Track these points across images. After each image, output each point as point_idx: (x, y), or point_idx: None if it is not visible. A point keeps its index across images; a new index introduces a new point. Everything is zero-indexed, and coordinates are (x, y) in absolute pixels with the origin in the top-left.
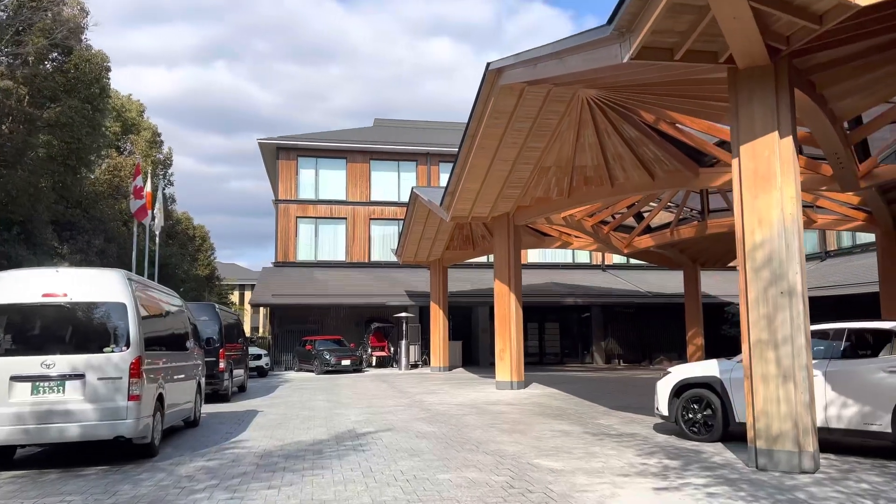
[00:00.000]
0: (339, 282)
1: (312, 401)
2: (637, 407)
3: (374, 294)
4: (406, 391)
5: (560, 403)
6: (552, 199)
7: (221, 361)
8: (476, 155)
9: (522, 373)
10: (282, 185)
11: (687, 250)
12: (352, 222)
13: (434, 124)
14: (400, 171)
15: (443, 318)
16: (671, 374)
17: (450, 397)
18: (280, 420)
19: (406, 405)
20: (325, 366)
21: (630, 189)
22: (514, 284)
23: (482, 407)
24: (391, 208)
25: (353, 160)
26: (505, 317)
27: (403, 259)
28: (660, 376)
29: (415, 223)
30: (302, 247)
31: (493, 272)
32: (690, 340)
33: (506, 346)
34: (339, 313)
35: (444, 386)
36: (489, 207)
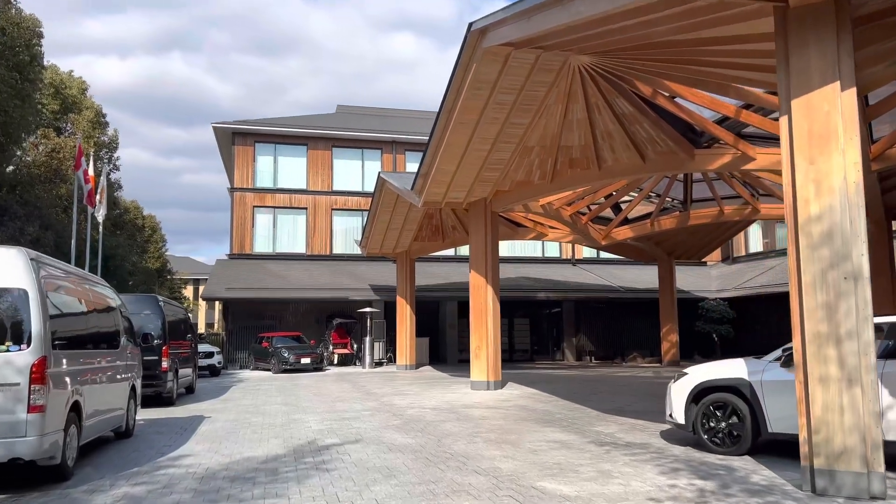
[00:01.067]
0: (298, 275)
1: (268, 404)
2: (632, 410)
3: (336, 288)
4: (372, 392)
5: (545, 406)
6: (534, 184)
7: (164, 360)
8: (453, 132)
9: (500, 372)
10: (238, 173)
11: (663, 243)
12: (312, 212)
13: (400, 112)
14: (364, 159)
15: (410, 314)
16: (688, 375)
17: (422, 399)
18: (229, 428)
19: (374, 409)
20: (283, 364)
21: (618, 172)
22: (491, 276)
23: (460, 411)
24: (354, 198)
25: (314, 147)
26: (481, 311)
27: (368, 250)
28: (673, 377)
29: (381, 211)
30: (259, 238)
31: (462, 266)
32: (665, 337)
33: (482, 343)
34: (298, 308)
35: (413, 386)
36: (465, 192)
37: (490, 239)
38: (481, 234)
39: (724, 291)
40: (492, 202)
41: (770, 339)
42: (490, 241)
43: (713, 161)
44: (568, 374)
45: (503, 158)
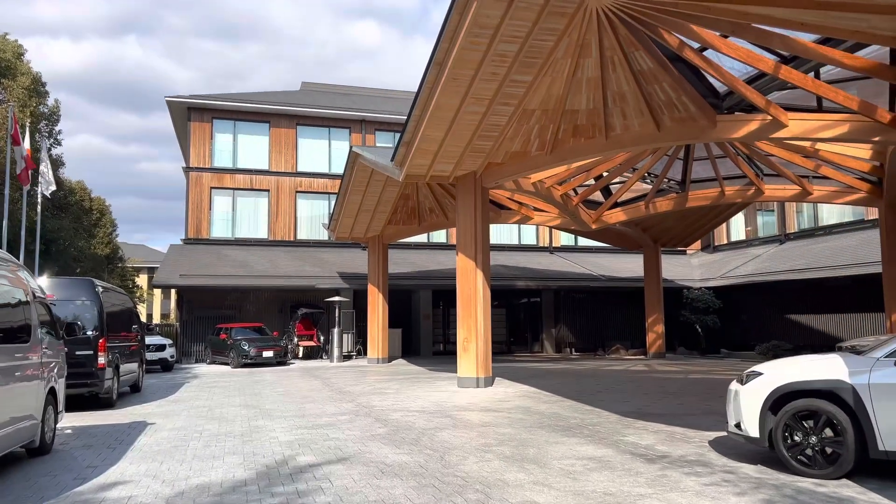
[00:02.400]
0: (260, 262)
1: (226, 406)
2: (654, 413)
3: (301, 275)
4: (346, 391)
5: (551, 408)
6: (531, 156)
7: (101, 356)
8: (444, 90)
9: (490, 367)
10: (194, 151)
11: (650, 229)
12: (275, 195)
13: (369, 91)
14: (331, 138)
15: (382, 303)
16: (763, 376)
17: (405, 400)
18: (176, 440)
19: (352, 413)
20: (243, 358)
21: (628, 142)
22: (481, 259)
23: (454, 415)
24: (321, 180)
25: (277, 125)
26: (469, 299)
27: (337, 235)
28: (739, 378)
29: (353, 191)
30: (217, 222)
31: (436, 253)
32: (650, 327)
33: (471, 335)
34: (260, 298)
35: (391, 383)
36: (453, 164)
37: (480, 217)
38: (470, 213)
39: (710, 280)
40: (482, 176)
41: (758, 330)
42: (480, 220)
43: (738, 129)
44: (555, 368)
45: (499, 124)
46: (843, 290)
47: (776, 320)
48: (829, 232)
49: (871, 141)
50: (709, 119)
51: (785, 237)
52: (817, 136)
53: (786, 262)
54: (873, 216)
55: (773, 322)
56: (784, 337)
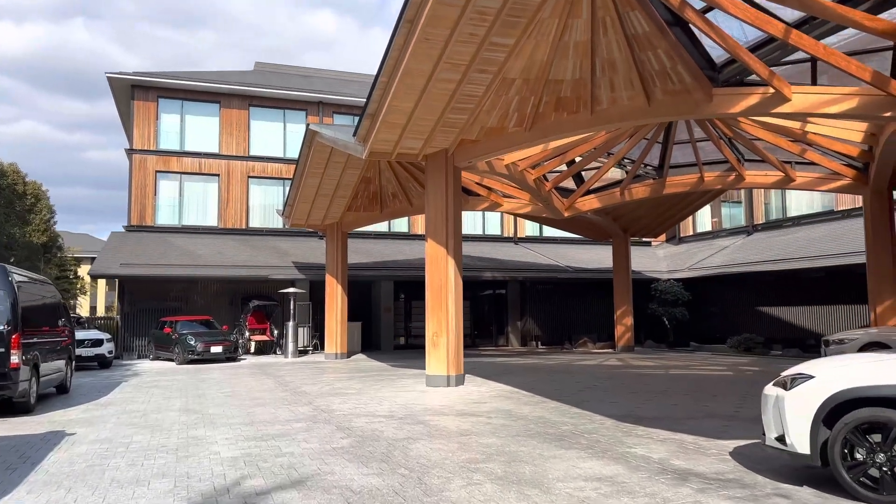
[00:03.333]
0: (209, 251)
1: (163, 410)
2: (651, 417)
3: (253, 265)
4: (302, 391)
5: (536, 411)
6: (508, 132)
7: (14, 354)
8: (415, 53)
9: (462, 364)
10: (137, 132)
11: (621, 218)
12: (226, 180)
13: (327, 73)
14: (286, 121)
15: (341, 295)
16: (814, 379)
17: (369, 401)
18: (95, 457)
19: (309, 418)
20: (188, 354)
21: (615, 117)
22: (452, 245)
23: (428, 421)
24: (275, 165)
25: (228, 105)
26: (440, 289)
27: (293, 221)
28: (783, 381)
29: (309, 174)
30: (163, 208)
31: (398, 243)
32: (619, 320)
33: (441, 329)
34: (208, 289)
35: (352, 382)
36: (423, 141)
37: (452, 200)
38: (441, 194)
39: (677, 272)
40: (455, 154)
41: (728, 323)
42: (452, 203)
43: (736, 103)
44: (525, 364)
45: (475, 95)
46: (815, 282)
47: (746, 313)
48: (797, 223)
49: (881, 117)
50: (704, 92)
51: (753, 228)
52: (823, 111)
53: (755, 253)
54: (843, 206)
55: (744, 314)
56: (754, 330)
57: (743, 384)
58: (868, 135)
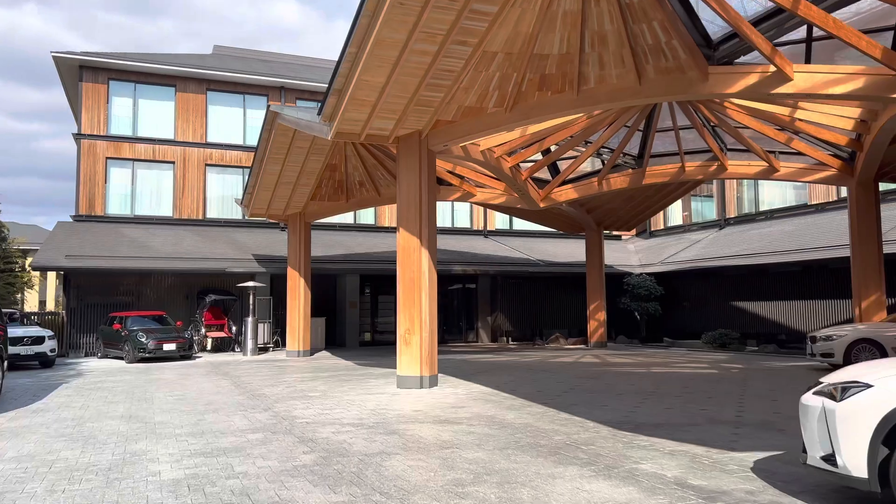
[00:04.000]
0: (163, 242)
1: (103, 418)
2: (650, 424)
3: (210, 258)
4: (261, 394)
5: (522, 417)
6: (487, 113)
7: None
8: (388, 21)
9: (436, 364)
10: (86, 116)
11: (595, 211)
12: (182, 168)
13: (290, 58)
14: (246, 106)
15: (304, 289)
16: (873, 389)
17: (336, 406)
18: (9, 480)
19: (267, 428)
20: (139, 352)
21: (603, 97)
22: (427, 236)
23: (402, 430)
24: (234, 153)
25: (184, 89)
26: (413, 282)
27: (252, 211)
28: (830, 391)
29: (270, 160)
30: (114, 197)
31: (364, 235)
32: (592, 315)
33: (414, 326)
34: (162, 282)
35: (316, 383)
36: (394, 120)
37: (426, 185)
38: (414, 180)
39: (650, 266)
40: (429, 137)
41: (701, 318)
42: (426, 189)
43: (733, 83)
44: (499, 361)
45: (453, 70)
46: (790, 276)
47: (720, 307)
48: (770, 217)
49: (888, 98)
50: (700, 70)
51: (725, 222)
52: (826, 91)
53: (728, 247)
54: (817, 200)
55: (717, 309)
56: (728, 325)
57: (733, 384)
58: (858, 122)
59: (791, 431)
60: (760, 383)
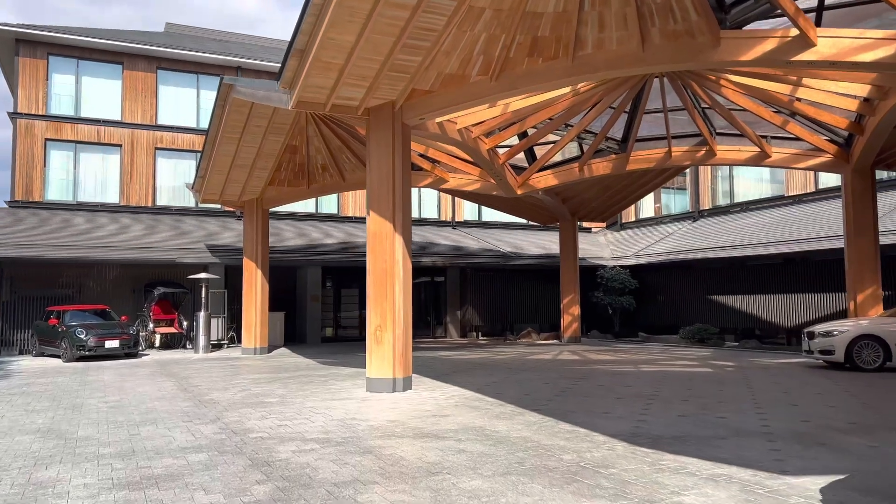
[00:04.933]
0: (109, 231)
1: (14, 432)
2: (671, 437)
3: (159, 247)
4: (210, 400)
5: (516, 429)
6: (470, 82)
7: None
8: None
9: (410, 365)
10: (23, 93)
11: (570, 200)
12: (130, 151)
13: (246, 38)
14: (200, 87)
15: (261, 281)
16: None
17: (297, 416)
18: None
19: (214, 445)
20: (78, 349)
21: (601, 65)
22: (400, 220)
23: (378, 448)
24: (187, 136)
25: (133, 67)
26: (385, 273)
27: (204, 196)
28: None
29: (224, 139)
30: (54, 182)
31: (327, 225)
32: (566, 309)
33: (386, 323)
34: (106, 274)
35: (274, 385)
36: (365, 88)
37: (399, 164)
38: (386, 158)
39: (623, 259)
40: (403, 109)
41: (677, 312)
42: (399, 168)
43: (748, 49)
44: (475, 359)
45: (433, 29)
46: (770, 269)
47: (696, 301)
48: (745, 209)
49: None
50: (712, 34)
51: (699, 214)
52: (853, 59)
53: (703, 239)
54: (794, 192)
55: (693, 303)
56: (704, 319)
57: (736, 385)
58: (862, 102)
59: (834, 445)
60: (764, 384)
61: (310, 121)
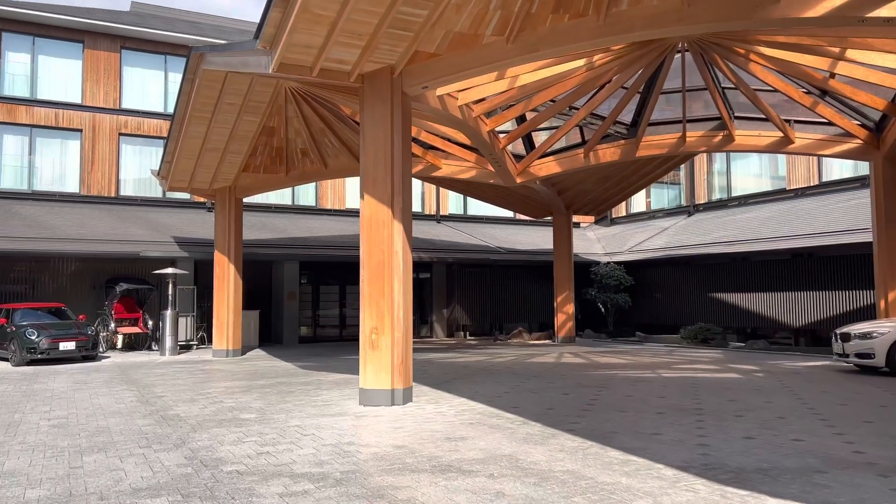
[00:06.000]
0: (67, 222)
1: None
2: (754, 470)
3: (122, 240)
4: (174, 416)
5: (556, 458)
6: (483, 43)
7: None
8: None
9: (410, 373)
10: None
11: (566, 192)
12: (91, 137)
13: (219, 19)
14: (168, 69)
15: (234, 277)
16: None
17: (280, 439)
18: None
19: (175, 485)
20: (29, 352)
21: (637, 23)
22: (400, 205)
23: (390, 490)
24: (153, 121)
25: (94, 46)
26: (382, 266)
27: (172, 184)
28: None
29: (194, 118)
30: (7, 169)
31: (304, 218)
32: (560, 308)
33: (384, 324)
34: (64, 269)
35: (250, 396)
36: (359, 49)
37: (399, 138)
38: (384, 131)
39: (616, 255)
40: (404, 75)
41: (674, 310)
42: (399, 143)
43: (815, 2)
44: (472, 362)
45: None
46: (776, 265)
47: (696, 299)
48: (744, 203)
49: None
50: None
51: (694, 209)
52: None
53: (700, 234)
54: (796, 185)
55: (691, 301)
56: (705, 318)
57: (784, 396)
58: None
59: None
60: (812, 394)
61: (289, 99)
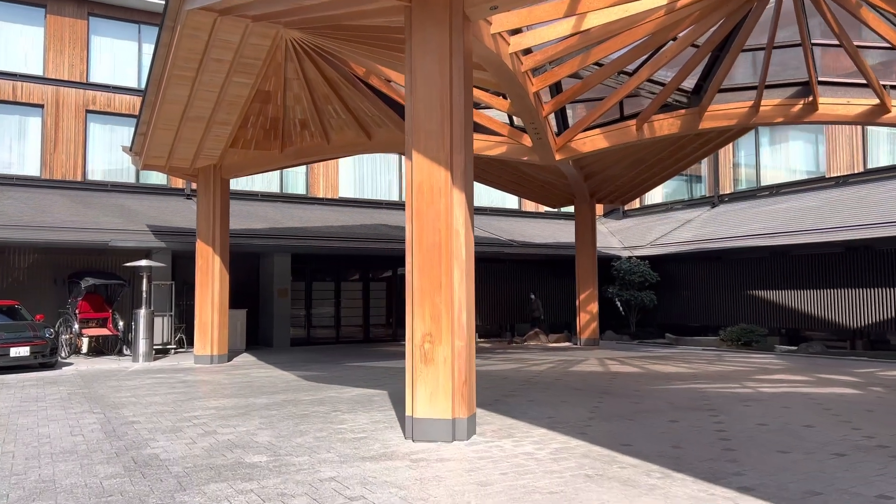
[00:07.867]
0: (25, 209)
1: None
2: None
3: (89, 228)
4: (151, 457)
5: None
6: None
7: None
8: None
9: (474, 397)
10: None
11: (594, 177)
12: (54, 113)
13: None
14: (142, 39)
15: (220, 270)
16: None
17: (306, 500)
18: None
19: None
20: None
21: None
22: (461, 165)
23: None
24: (125, 97)
25: (58, 12)
26: (439, 248)
27: (147, 160)
28: None
29: (174, 78)
30: None
31: (293, 207)
32: (583, 307)
33: (441, 328)
34: (20, 261)
35: (252, 423)
36: None
37: (461, 77)
38: (439, 67)
39: (638, 249)
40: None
41: (705, 309)
42: (461, 84)
43: None
44: (507, 371)
45: None
46: (826, 259)
47: (730, 298)
48: (775, 193)
49: None
50: None
51: (718, 199)
52: None
53: (731, 227)
54: (837, 173)
55: (726, 300)
56: (742, 318)
57: None
58: None
59: None
60: None
61: (290, 56)
